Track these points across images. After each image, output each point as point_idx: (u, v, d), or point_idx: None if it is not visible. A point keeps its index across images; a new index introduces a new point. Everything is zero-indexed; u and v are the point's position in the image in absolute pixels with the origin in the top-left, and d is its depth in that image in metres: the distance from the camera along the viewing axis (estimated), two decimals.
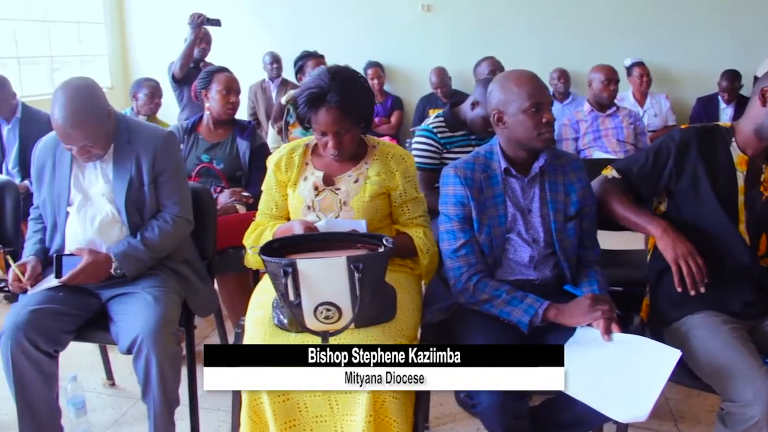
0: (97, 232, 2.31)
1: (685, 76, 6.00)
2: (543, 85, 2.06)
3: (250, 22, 6.57)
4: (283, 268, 1.75)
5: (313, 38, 5.84)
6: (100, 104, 2.22)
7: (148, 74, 6.67)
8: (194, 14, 4.47)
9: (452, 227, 2.10)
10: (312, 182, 2.22)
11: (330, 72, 2.09)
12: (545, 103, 2.02)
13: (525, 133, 2.02)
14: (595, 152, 4.19)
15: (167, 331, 2.16)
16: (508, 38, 6.10)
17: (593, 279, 2.12)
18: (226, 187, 3.07)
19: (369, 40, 6.43)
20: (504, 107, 2.05)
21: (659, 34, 5.97)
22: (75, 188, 2.33)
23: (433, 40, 6.31)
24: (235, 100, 3.21)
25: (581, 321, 1.95)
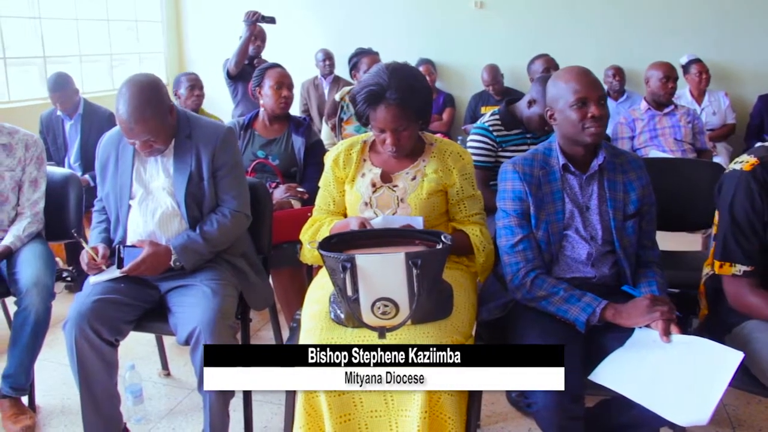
0: (157, 225, 2.37)
1: (745, 73, 5.82)
2: (592, 80, 2.03)
3: (303, 19, 6.62)
4: (342, 263, 1.76)
5: (366, 35, 5.87)
6: (162, 100, 2.27)
7: (202, 71, 6.78)
8: (250, 12, 4.53)
9: (510, 222, 2.10)
10: (370, 179, 2.23)
11: (389, 69, 2.09)
12: (592, 98, 2.00)
13: (571, 127, 2.02)
14: (651, 151, 4.11)
15: (224, 323, 2.19)
16: (561, 35, 6.01)
17: (652, 279, 2.09)
18: (281, 183, 3.11)
19: (421, 37, 6.41)
20: (554, 104, 2.07)
21: (717, 30, 5.81)
22: (137, 182, 2.39)
23: (485, 37, 6.26)
24: (287, 94, 3.25)
25: (639, 322, 1.92)
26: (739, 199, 1.95)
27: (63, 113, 4.41)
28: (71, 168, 4.26)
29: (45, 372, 2.91)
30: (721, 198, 2.02)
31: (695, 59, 5.43)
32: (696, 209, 2.83)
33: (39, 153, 2.82)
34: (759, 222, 1.94)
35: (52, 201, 2.87)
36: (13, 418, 2.63)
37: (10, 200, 2.75)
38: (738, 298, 1.98)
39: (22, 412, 2.66)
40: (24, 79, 5.66)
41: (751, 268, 1.96)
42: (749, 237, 1.95)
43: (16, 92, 5.53)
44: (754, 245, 1.95)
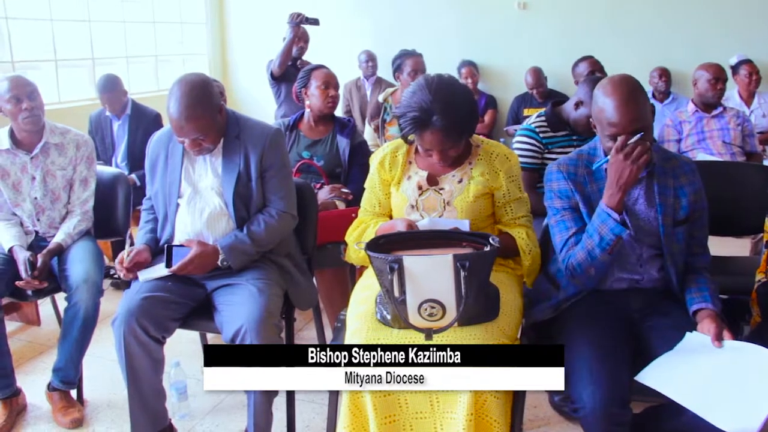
0: (205, 224, 2.40)
1: None
2: (632, 111, 1.93)
3: (346, 20, 6.64)
4: (390, 264, 1.77)
5: (408, 37, 5.87)
6: (212, 99, 2.30)
7: (245, 72, 6.93)
8: (293, 13, 4.56)
9: (562, 218, 2.10)
10: (416, 181, 2.23)
11: (431, 89, 2.05)
12: (627, 131, 1.93)
13: (607, 151, 2.01)
14: (699, 154, 4.02)
15: (270, 322, 2.22)
16: (605, 37, 5.94)
17: (704, 286, 2.05)
18: (326, 184, 3.13)
19: (464, 38, 6.39)
20: (596, 120, 2.04)
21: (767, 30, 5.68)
22: (185, 181, 2.43)
23: (528, 39, 6.22)
24: (334, 94, 3.27)
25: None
26: None
27: (111, 114, 4.50)
28: (118, 167, 4.35)
29: (93, 367, 2.97)
30: None
31: (745, 60, 5.31)
32: (745, 214, 2.77)
33: (89, 153, 2.89)
34: None
35: (101, 200, 2.95)
36: (62, 411, 2.70)
37: (61, 198, 2.83)
38: None
39: (71, 405, 2.73)
40: (74, 81, 5.78)
41: None
42: None
43: (66, 93, 5.66)
44: None
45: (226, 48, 7.24)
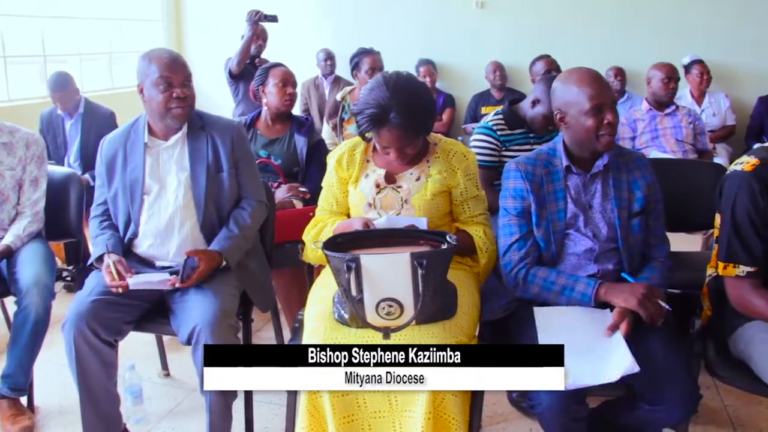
0: (169, 220, 2.37)
1: (745, 75, 5.81)
2: (605, 85, 2.04)
3: (305, 19, 6.60)
4: (347, 263, 1.76)
5: (367, 35, 5.87)
6: None
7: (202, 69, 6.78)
8: (252, 11, 4.51)
9: (509, 221, 2.12)
10: (373, 180, 2.22)
11: (389, 86, 2.04)
12: (607, 104, 2.00)
13: (586, 134, 2.02)
14: (652, 152, 4.10)
15: (225, 322, 2.18)
16: (562, 36, 5.99)
17: (656, 270, 2.10)
18: (283, 183, 3.11)
19: (422, 37, 6.40)
20: (566, 108, 2.06)
21: (718, 31, 5.79)
22: (150, 177, 2.38)
23: (485, 38, 6.25)
24: (292, 92, 3.25)
25: (630, 302, 1.94)
26: (741, 200, 1.95)
27: (63, 112, 4.40)
28: (71, 167, 4.25)
29: (44, 372, 2.88)
30: (723, 199, 2.02)
31: (697, 60, 5.43)
32: (697, 210, 2.82)
33: (40, 152, 2.81)
34: (761, 222, 1.94)
35: (53, 200, 2.87)
36: (11, 419, 2.61)
37: (10, 199, 2.74)
38: (741, 299, 1.98)
39: (21, 412, 2.65)
40: (24, 78, 5.65)
41: (754, 269, 1.96)
42: (752, 238, 1.95)
43: (16, 91, 5.51)
44: (757, 246, 1.95)
45: (182, 46, 7.13)
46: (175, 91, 2.28)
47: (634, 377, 1.85)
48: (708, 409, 2.73)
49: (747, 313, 1.98)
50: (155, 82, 2.28)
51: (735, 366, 2.02)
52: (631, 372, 1.76)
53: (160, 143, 2.40)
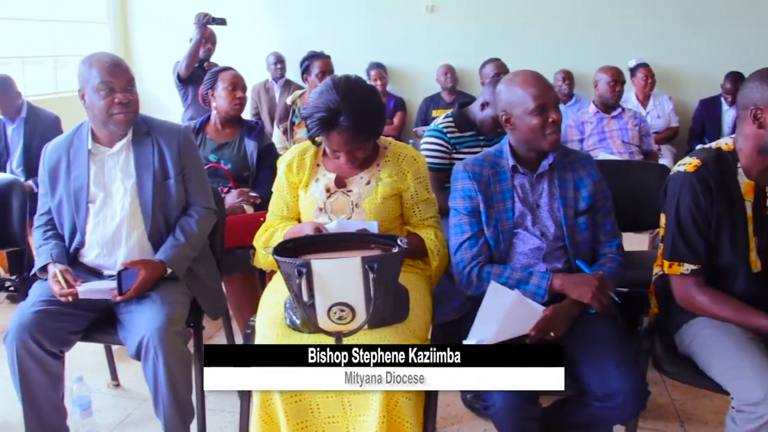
0: (116, 230, 2.31)
1: (688, 78, 5.97)
2: (548, 86, 2.08)
3: (254, 22, 6.53)
4: (298, 268, 1.75)
5: (318, 39, 5.83)
6: None
7: (151, 73, 6.72)
8: (200, 14, 4.46)
9: (460, 220, 2.14)
10: (324, 184, 2.21)
11: (339, 90, 2.04)
12: (551, 103, 2.04)
13: (532, 133, 2.06)
14: (600, 153, 4.17)
15: (173, 330, 2.14)
16: (512, 39, 6.06)
17: (608, 264, 2.14)
18: (234, 188, 3.07)
19: (372, 41, 6.40)
20: (511, 109, 2.09)
21: (663, 36, 5.94)
22: (95, 185, 2.33)
23: (436, 41, 6.27)
24: (241, 95, 3.22)
25: (585, 295, 1.99)
26: (684, 200, 2.00)
27: (5, 117, 4.26)
28: (13, 173, 4.12)
29: None
30: (667, 200, 2.07)
31: (642, 63, 5.55)
32: (644, 210, 2.87)
33: None
34: (704, 221, 1.99)
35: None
36: None
37: None
38: (686, 296, 2.03)
39: None
40: None
41: (698, 267, 2.00)
42: (695, 236, 2.00)
43: None
44: (700, 244, 2.00)
45: (130, 49, 7.00)
46: (117, 96, 2.23)
47: (585, 376, 1.89)
48: (656, 404, 2.78)
49: (691, 310, 2.03)
50: (96, 88, 2.23)
51: (681, 361, 2.07)
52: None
53: (104, 150, 2.35)
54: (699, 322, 2.01)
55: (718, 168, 1.99)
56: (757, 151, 1.96)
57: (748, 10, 5.78)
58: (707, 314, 2.00)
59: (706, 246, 2.00)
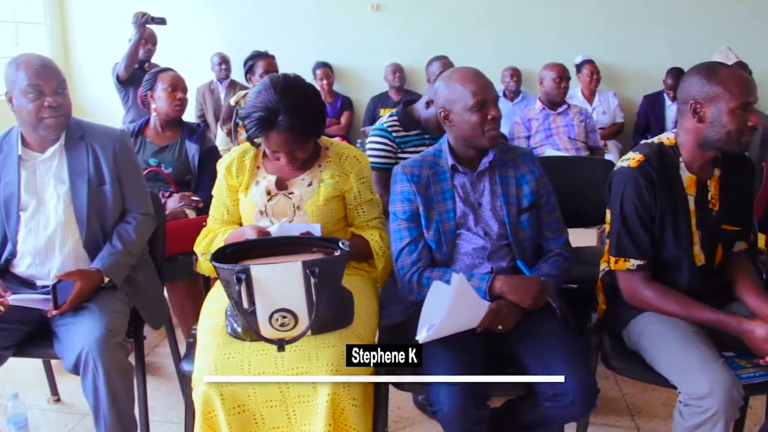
0: (49, 240, 2.22)
1: (632, 74, 6.07)
2: (487, 82, 2.06)
3: (198, 22, 6.42)
4: (236, 274, 1.69)
5: (262, 38, 5.74)
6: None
7: (91, 75, 6.54)
8: (138, 13, 4.34)
9: (399, 226, 2.10)
10: (264, 187, 2.15)
11: (277, 89, 1.98)
12: (490, 100, 2.02)
13: (471, 130, 2.03)
14: (547, 150, 4.20)
15: (113, 341, 2.05)
16: (459, 37, 6.07)
17: (552, 261, 2.13)
18: (175, 192, 3.00)
19: (318, 40, 6.34)
20: (450, 105, 2.06)
21: (607, 33, 6.03)
22: (26, 192, 2.23)
23: (383, 40, 6.26)
24: (182, 97, 3.15)
25: (526, 301, 1.96)
26: (629, 195, 1.99)
27: None
28: None
29: None
30: (611, 196, 2.07)
31: (588, 60, 5.62)
32: (591, 205, 2.87)
33: None
34: (648, 216, 1.99)
35: None
36: None
37: None
38: (632, 292, 2.03)
39: None
40: None
41: (643, 262, 2.01)
42: (640, 231, 2.00)
43: None
44: (645, 240, 2.00)
45: (68, 50, 6.79)
46: (47, 99, 2.13)
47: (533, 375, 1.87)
48: (607, 398, 2.79)
49: (638, 305, 2.04)
50: (24, 91, 2.13)
51: (629, 357, 2.07)
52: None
53: (35, 155, 2.25)
54: (646, 318, 2.01)
55: (660, 163, 2.00)
56: (698, 145, 1.98)
57: (688, 6, 5.91)
58: (653, 309, 2.00)
59: (651, 241, 2.01)
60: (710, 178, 2.04)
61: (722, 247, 2.08)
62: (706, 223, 2.04)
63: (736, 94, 1.86)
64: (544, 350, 1.90)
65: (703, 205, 2.04)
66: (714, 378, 1.75)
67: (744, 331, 1.86)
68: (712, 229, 2.05)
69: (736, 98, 1.86)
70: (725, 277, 2.11)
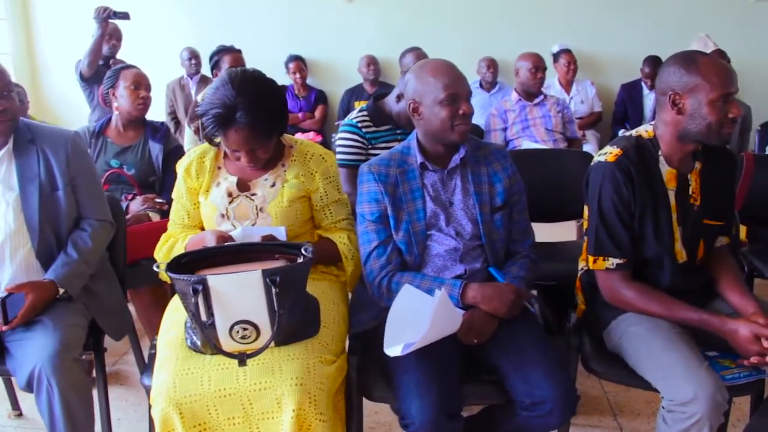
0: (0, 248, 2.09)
1: (609, 63, 6.01)
2: (460, 76, 1.96)
3: (167, 16, 6.26)
4: (193, 285, 1.60)
5: (233, 32, 5.63)
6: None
7: (57, 72, 6.36)
8: (100, 8, 4.18)
9: (366, 228, 2.01)
10: (225, 188, 2.05)
11: (234, 84, 1.87)
12: (462, 95, 1.93)
13: (440, 124, 1.94)
14: (524, 142, 4.11)
15: (68, 357, 1.94)
16: (435, 27, 5.97)
17: (520, 264, 2.05)
18: (139, 194, 2.88)
19: (291, 33, 6.20)
20: (420, 98, 1.96)
21: (584, 21, 5.96)
22: None
23: (356, 31, 6.14)
24: (145, 95, 3.02)
25: (500, 310, 1.88)
26: (606, 191, 1.91)
27: None
28: None
29: None
30: (589, 191, 1.98)
31: (565, 49, 5.56)
32: (570, 199, 2.82)
33: None
34: (627, 213, 1.91)
35: None
36: None
37: None
38: (612, 292, 1.95)
39: None
40: None
41: (623, 261, 1.92)
42: (619, 229, 1.92)
43: None
44: (624, 237, 1.92)
45: (33, 47, 6.59)
46: None
47: (511, 384, 1.79)
48: (589, 397, 2.74)
49: (618, 305, 1.96)
50: None
51: (610, 360, 2.00)
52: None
53: None
54: (627, 319, 1.94)
55: (639, 156, 1.92)
56: (678, 137, 1.89)
57: None
58: (634, 309, 1.92)
59: (630, 238, 1.93)
60: (691, 171, 1.96)
61: (704, 243, 2.01)
62: (688, 218, 1.96)
63: (716, 85, 1.78)
64: (522, 357, 1.81)
65: (684, 199, 1.96)
66: (698, 383, 1.68)
67: (728, 331, 1.79)
68: (694, 224, 1.97)
69: (716, 89, 1.78)
70: (707, 273, 2.03)
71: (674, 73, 1.84)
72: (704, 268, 2.04)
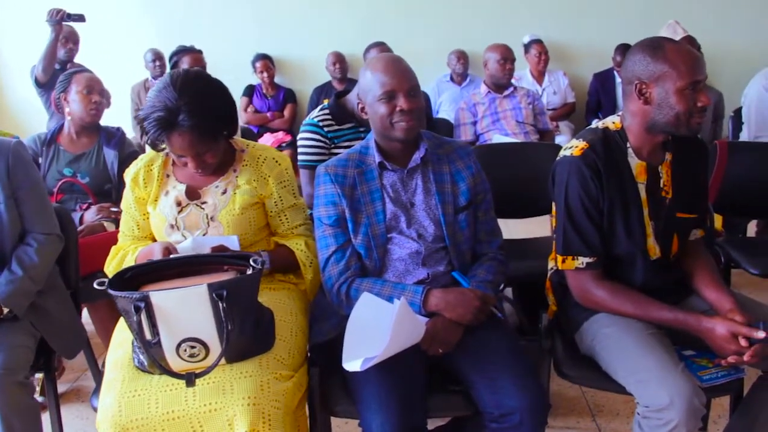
0: None
1: (581, 52, 5.98)
2: (402, 70, 1.86)
3: (129, 18, 6.13)
4: (134, 303, 1.50)
5: (198, 32, 5.53)
6: None
7: (18, 77, 6.17)
8: (52, 10, 4.03)
9: (324, 232, 1.91)
10: (174, 197, 1.94)
11: (176, 85, 1.77)
12: (400, 90, 1.82)
13: (380, 122, 1.86)
14: (494, 135, 4.03)
15: (12, 381, 1.84)
16: (401, 22, 5.91)
17: (487, 266, 1.96)
18: (94, 203, 2.77)
19: (256, 31, 6.11)
20: (364, 96, 1.90)
21: (555, 10, 5.92)
22: None
23: (323, 27, 6.06)
24: (98, 100, 2.90)
25: (465, 317, 1.79)
26: (573, 187, 1.82)
27: None
28: None
29: None
30: (555, 188, 1.89)
31: (536, 40, 5.51)
32: (542, 193, 2.70)
33: None
34: (595, 209, 1.82)
35: None
36: None
37: None
38: (583, 292, 1.86)
39: None
40: None
41: (593, 259, 1.84)
42: (587, 227, 1.83)
43: None
44: (593, 235, 1.83)
45: None
46: None
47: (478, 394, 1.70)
48: (566, 398, 2.67)
49: (589, 306, 1.87)
50: None
51: (583, 364, 1.91)
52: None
53: None
54: (599, 320, 1.85)
55: (606, 150, 1.83)
56: (645, 128, 1.81)
57: None
58: (606, 310, 1.84)
59: (600, 236, 1.84)
60: (661, 163, 1.88)
61: (678, 237, 1.93)
62: (660, 212, 1.88)
63: (683, 73, 1.70)
64: (490, 365, 1.72)
65: (655, 193, 1.87)
66: (674, 388, 1.60)
67: (704, 330, 1.71)
68: (666, 218, 1.89)
69: (683, 77, 1.70)
70: (682, 269, 1.96)
71: (640, 61, 1.75)
72: (678, 263, 1.96)
